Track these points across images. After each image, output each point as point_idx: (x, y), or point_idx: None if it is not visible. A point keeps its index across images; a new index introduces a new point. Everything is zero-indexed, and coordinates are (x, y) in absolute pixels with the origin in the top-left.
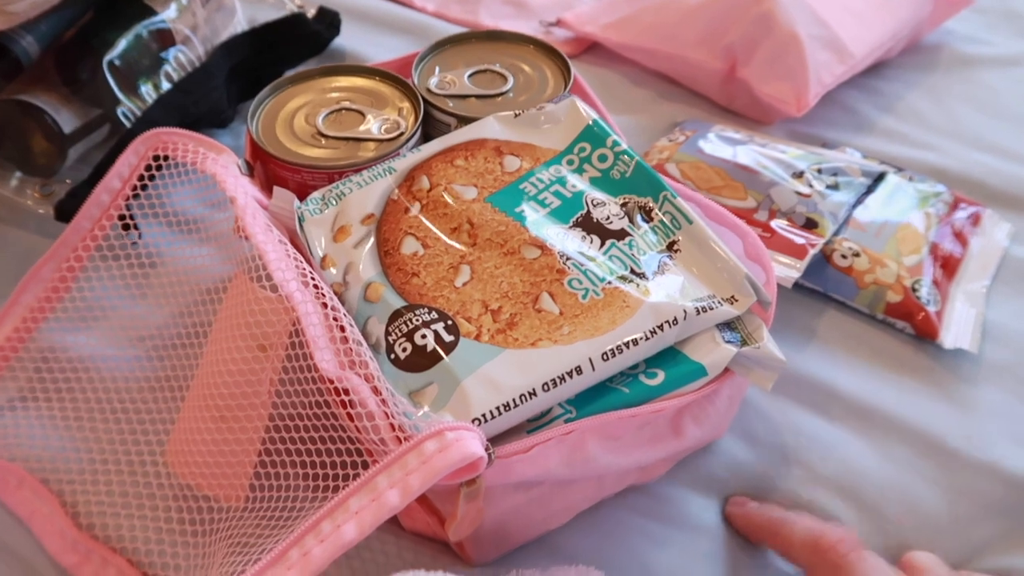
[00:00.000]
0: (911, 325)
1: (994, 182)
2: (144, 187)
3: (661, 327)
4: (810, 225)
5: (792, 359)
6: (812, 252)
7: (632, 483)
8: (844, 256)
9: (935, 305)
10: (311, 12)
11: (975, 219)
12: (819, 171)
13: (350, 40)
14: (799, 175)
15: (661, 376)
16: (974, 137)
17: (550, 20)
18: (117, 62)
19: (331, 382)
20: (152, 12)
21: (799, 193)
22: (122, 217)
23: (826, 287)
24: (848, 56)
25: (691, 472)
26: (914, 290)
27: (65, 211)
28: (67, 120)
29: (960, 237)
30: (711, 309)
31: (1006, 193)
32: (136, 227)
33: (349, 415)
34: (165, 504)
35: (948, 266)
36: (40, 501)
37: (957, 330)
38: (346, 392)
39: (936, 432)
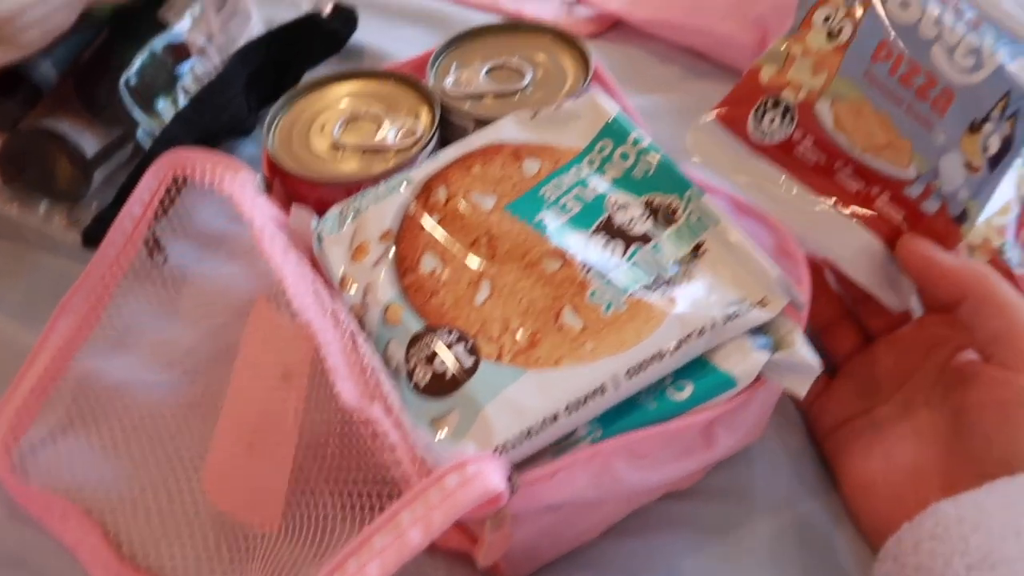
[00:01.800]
0: None
1: None
2: (167, 208)
3: (688, 338)
4: (961, 219)
5: None
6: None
7: (664, 494)
8: None
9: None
10: (327, 9)
11: None
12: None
13: (368, 35)
14: (977, 125)
15: (689, 389)
16: None
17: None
18: (133, 81)
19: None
20: (166, 26)
21: (970, 167)
22: (147, 242)
23: None
24: None
25: (725, 476)
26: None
27: (92, 237)
28: (90, 144)
29: None
30: (740, 315)
31: None
32: (162, 249)
33: (377, 446)
34: (203, 532)
35: None
36: (84, 532)
37: None
38: (368, 423)
39: None
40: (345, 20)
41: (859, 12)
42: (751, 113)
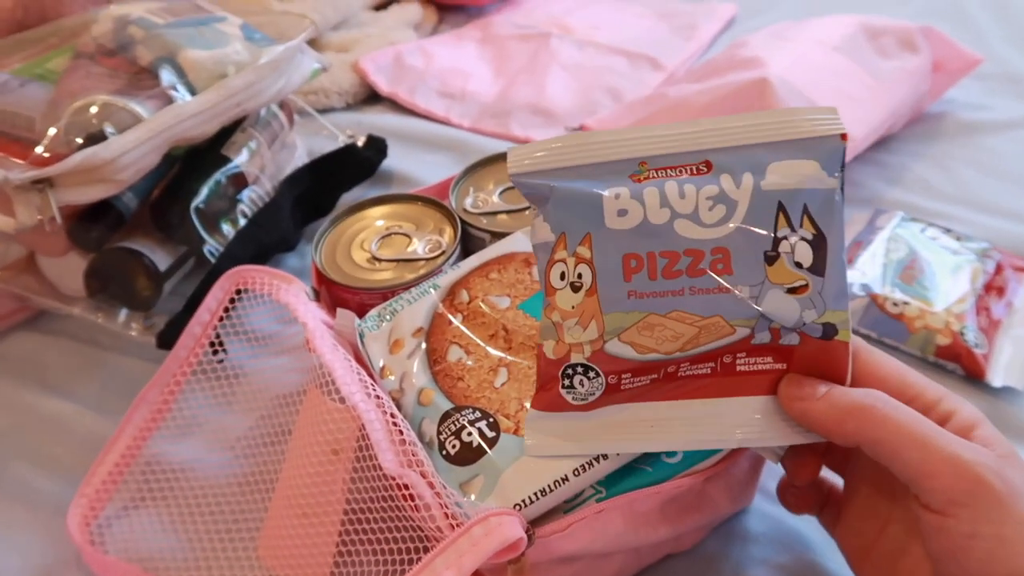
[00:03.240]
0: (960, 366)
1: (1005, 243)
2: (228, 314)
3: None
4: (830, 334)
5: None
6: None
7: (669, 552)
8: (895, 304)
9: (982, 348)
10: (361, 140)
11: (1020, 273)
12: None
13: (398, 161)
14: (773, 254)
15: (680, 454)
16: (982, 201)
17: (574, 126)
18: (202, 206)
19: (394, 479)
20: (227, 160)
21: (795, 291)
22: (212, 343)
23: (879, 332)
24: (848, 139)
25: (726, 529)
26: (962, 334)
27: (165, 339)
28: (162, 260)
29: (1003, 291)
30: None
31: (1017, 254)
32: (223, 347)
33: (415, 507)
34: None
35: (993, 317)
36: None
37: (1006, 370)
38: (406, 487)
39: None
40: (377, 149)
41: (585, 252)
42: (560, 390)
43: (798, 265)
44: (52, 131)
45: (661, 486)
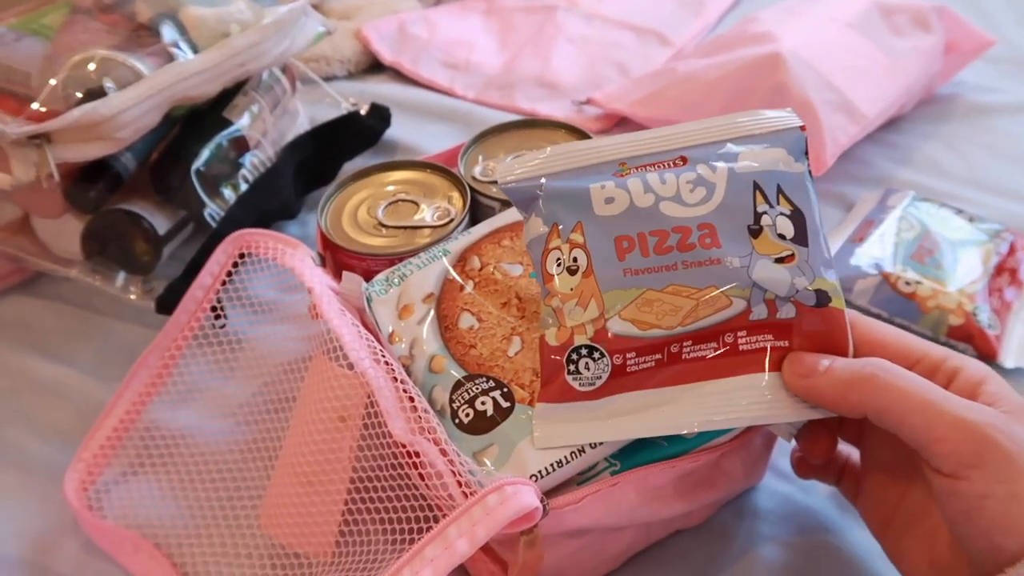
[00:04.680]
0: (972, 347)
1: (1016, 225)
2: (230, 278)
3: None
4: (823, 301)
5: None
6: None
7: (679, 528)
8: (908, 283)
9: (995, 329)
10: (364, 108)
11: None
12: None
13: (401, 131)
14: (756, 228)
15: None
16: (993, 183)
17: (581, 99)
18: (202, 169)
19: (404, 447)
20: (229, 123)
21: (782, 260)
22: (213, 308)
23: (890, 311)
24: (861, 117)
25: (734, 506)
26: (974, 315)
27: (164, 304)
28: (161, 223)
29: (1016, 273)
30: None
31: None
32: (224, 313)
33: (421, 475)
34: (262, 562)
35: (1006, 298)
36: (154, 563)
37: (1018, 351)
38: (417, 455)
39: None
40: (381, 118)
41: (578, 237)
42: (566, 377)
43: (781, 237)
44: (53, 82)
45: (676, 460)
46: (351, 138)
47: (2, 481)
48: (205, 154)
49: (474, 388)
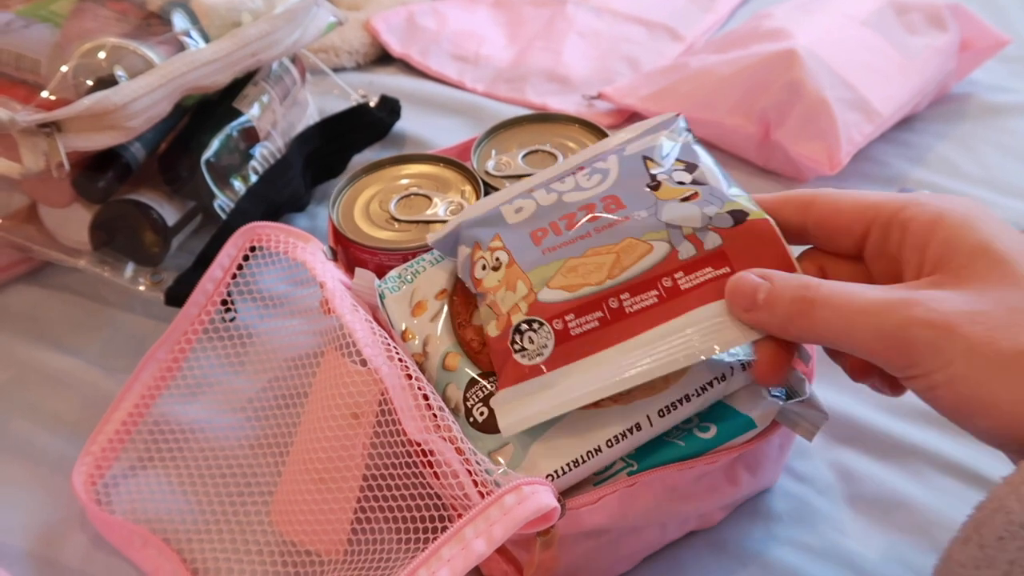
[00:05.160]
0: None
1: None
2: (241, 271)
3: (711, 383)
4: (742, 217)
5: (834, 403)
6: None
7: (693, 528)
8: None
9: None
10: (374, 100)
11: None
12: None
13: (410, 124)
14: (655, 182)
15: (714, 430)
16: (1007, 184)
17: (592, 94)
18: (212, 160)
19: (418, 445)
20: (239, 114)
21: (687, 199)
22: (224, 302)
23: None
24: (876, 115)
25: (749, 508)
26: None
27: (173, 296)
28: (170, 214)
29: None
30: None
31: None
32: (235, 306)
33: (435, 474)
34: (272, 559)
35: None
36: (163, 558)
37: None
38: (431, 453)
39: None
40: (390, 110)
41: (497, 243)
42: (514, 356)
43: (680, 183)
44: (64, 68)
45: (694, 461)
46: (361, 130)
47: (9, 472)
48: (215, 145)
49: (489, 386)
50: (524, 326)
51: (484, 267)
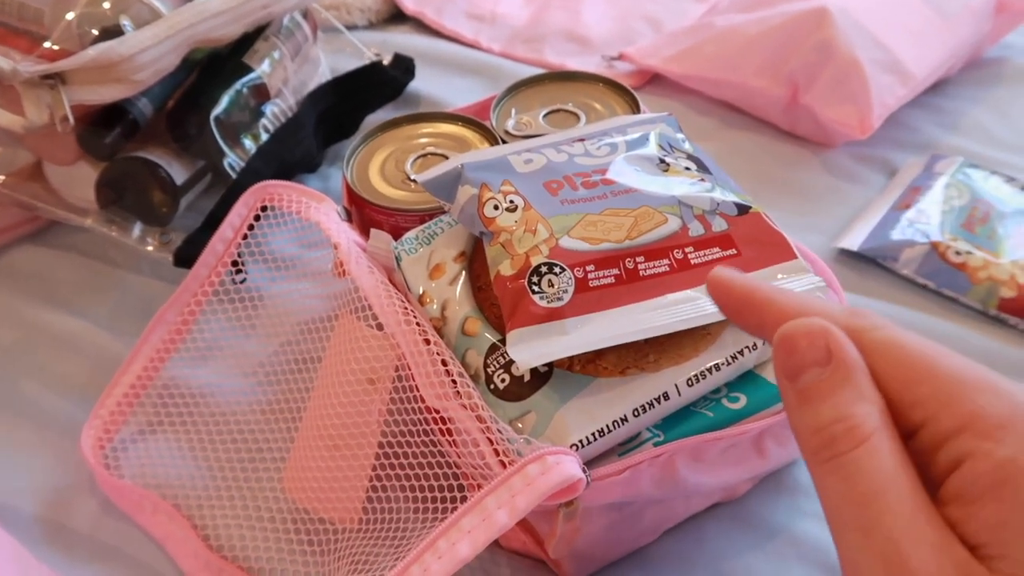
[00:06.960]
0: None
1: None
2: (252, 231)
3: (741, 352)
4: (746, 207)
5: None
6: None
7: (718, 501)
8: (958, 253)
9: None
10: (387, 59)
11: None
12: None
13: (425, 83)
14: (664, 163)
15: (743, 400)
16: None
17: (612, 55)
18: (222, 117)
19: (436, 412)
20: (249, 69)
21: (699, 181)
22: (234, 263)
23: (938, 282)
24: (910, 77)
25: (774, 481)
26: None
27: (182, 257)
28: (178, 173)
29: None
30: None
31: None
32: (244, 269)
33: (453, 443)
34: (285, 526)
35: None
36: (174, 524)
37: None
38: (450, 421)
39: None
40: (404, 69)
41: (509, 187)
42: (530, 299)
43: (688, 169)
44: (69, 16)
45: (722, 432)
46: (374, 89)
47: (17, 435)
48: (224, 101)
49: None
50: (544, 268)
51: (497, 207)
